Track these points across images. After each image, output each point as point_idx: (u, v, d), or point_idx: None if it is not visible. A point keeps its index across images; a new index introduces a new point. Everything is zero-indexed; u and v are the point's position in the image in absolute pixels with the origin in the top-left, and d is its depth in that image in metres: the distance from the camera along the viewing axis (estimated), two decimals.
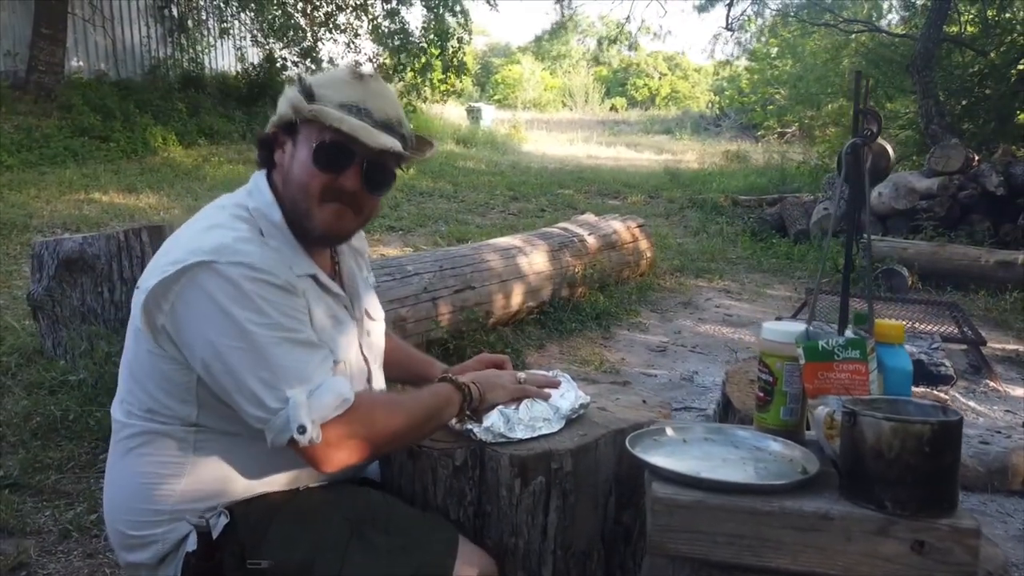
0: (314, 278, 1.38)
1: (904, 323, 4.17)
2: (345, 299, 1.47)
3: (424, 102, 13.64)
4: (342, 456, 1.29)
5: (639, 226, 5.55)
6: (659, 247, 5.98)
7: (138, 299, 1.31)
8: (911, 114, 10.38)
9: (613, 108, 29.65)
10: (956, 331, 4.03)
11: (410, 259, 3.77)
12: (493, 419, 1.53)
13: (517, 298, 4.11)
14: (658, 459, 1.24)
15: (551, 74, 32.78)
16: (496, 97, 29.48)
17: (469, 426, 1.52)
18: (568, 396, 1.63)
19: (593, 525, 1.53)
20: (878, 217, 6.69)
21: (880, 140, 2.88)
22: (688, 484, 1.16)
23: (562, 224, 5.18)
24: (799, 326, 1.35)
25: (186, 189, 7.73)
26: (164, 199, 7.17)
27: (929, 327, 4.09)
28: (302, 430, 1.22)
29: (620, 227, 5.32)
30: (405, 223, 6.95)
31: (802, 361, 1.28)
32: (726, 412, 1.99)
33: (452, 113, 17.92)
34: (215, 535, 1.34)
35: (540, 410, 1.57)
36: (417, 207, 7.85)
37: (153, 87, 11.15)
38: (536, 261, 4.30)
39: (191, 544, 1.33)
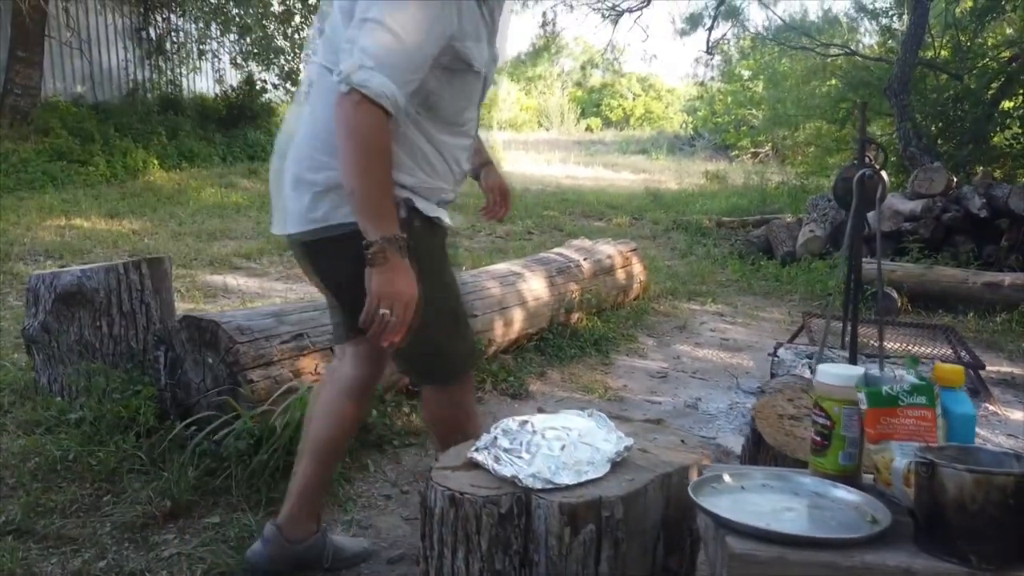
0: None
1: (901, 346, 4.21)
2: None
3: None
4: (348, 114, 1.56)
5: (632, 250, 5.56)
6: (650, 270, 5.99)
7: None
8: (887, 136, 10.55)
9: (588, 128, 29.84)
10: (952, 354, 4.06)
11: None
12: (538, 464, 1.50)
13: (517, 325, 4.08)
14: (723, 509, 1.21)
15: (526, 94, 32.95)
16: None
17: (513, 471, 1.49)
18: (610, 438, 1.61)
19: (642, 572, 1.50)
20: (863, 239, 6.76)
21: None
22: (762, 538, 1.13)
23: (557, 249, 5.17)
24: (856, 369, 1.33)
25: (169, 214, 7.63)
26: (148, 224, 7.07)
27: (925, 350, 4.13)
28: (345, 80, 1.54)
29: (613, 251, 5.32)
30: None
31: (864, 406, 1.26)
32: (757, 448, 1.97)
33: None
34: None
35: (584, 454, 1.54)
36: None
37: (132, 110, 11.02)
38: (535, 287, 4.28)
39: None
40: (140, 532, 2.32)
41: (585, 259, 4.94)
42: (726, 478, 1.36)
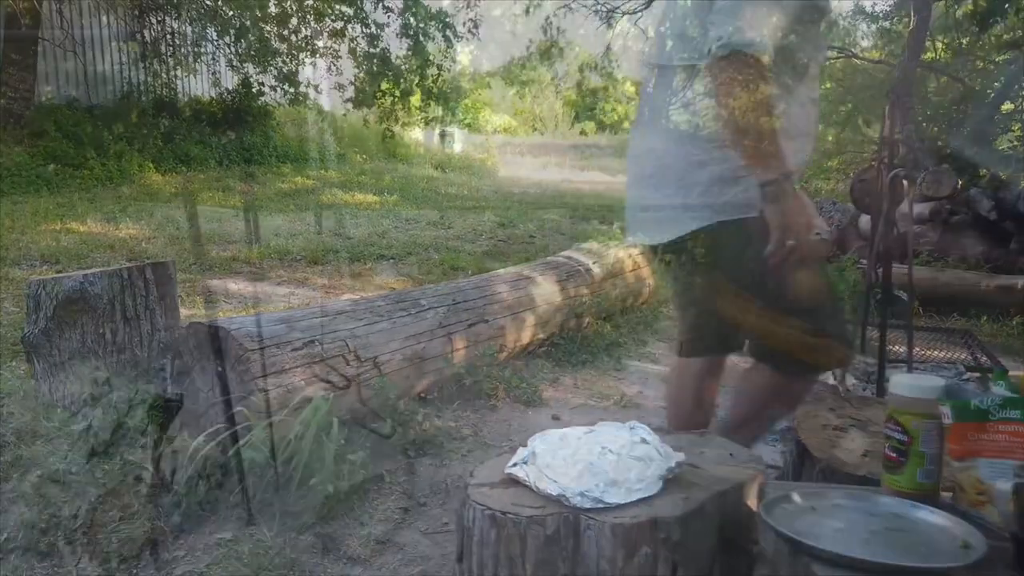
0: None
1: (919, 351, 4.13)
2: None
3: (401, 127, 13.52)
4: (735, 72, 1.64)
5: (640, 254, 5.47)
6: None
7: None
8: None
9: (583, 133, 29.77)
10: (970, 358, 3.98)
11: (423, 293, 3.63)
12: (585, 482, 1.40)
13: (528, 330, 3.99)
14: (797, 533, 1.12)
15: (521, 98, 32.87)
16: (466, 121, 29.46)
17: (560, 490, 1.39)
18: (658, 453, 1.51)
19: None
20: (871, 242, 6.69)
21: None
22: (848, 566, 1.04)
23: (566, 253, 5.08)
24: (936, 380, 1.24)
25: (167, 218, 7.50)
26: (145, 228, 6.94)
27: (944, 355, 4.05)
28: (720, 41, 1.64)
29: (623, 255, 5.24)
30: (395, 251, 6.80)
31: (948, 420, 1.17)
32: (801, 461, 1.88)
33: (425, 138, 17.83)
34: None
35: (634, 470, 1.44)
36: (405, 234, 7.70)
37: (127, 113, 10.88)
38: (546, 292, 4.19)
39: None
40: (149, 549, 2.21)
41: (595, 263, 4.85)
42: (795, 498, 1.26)
